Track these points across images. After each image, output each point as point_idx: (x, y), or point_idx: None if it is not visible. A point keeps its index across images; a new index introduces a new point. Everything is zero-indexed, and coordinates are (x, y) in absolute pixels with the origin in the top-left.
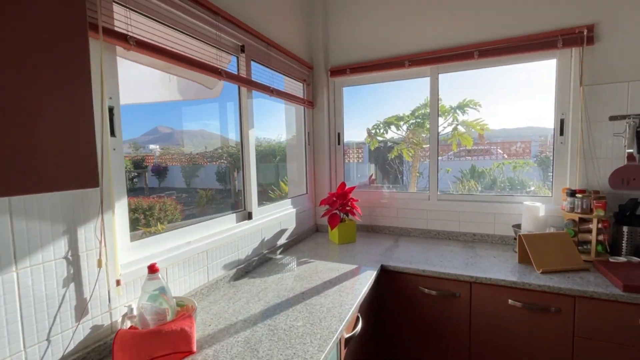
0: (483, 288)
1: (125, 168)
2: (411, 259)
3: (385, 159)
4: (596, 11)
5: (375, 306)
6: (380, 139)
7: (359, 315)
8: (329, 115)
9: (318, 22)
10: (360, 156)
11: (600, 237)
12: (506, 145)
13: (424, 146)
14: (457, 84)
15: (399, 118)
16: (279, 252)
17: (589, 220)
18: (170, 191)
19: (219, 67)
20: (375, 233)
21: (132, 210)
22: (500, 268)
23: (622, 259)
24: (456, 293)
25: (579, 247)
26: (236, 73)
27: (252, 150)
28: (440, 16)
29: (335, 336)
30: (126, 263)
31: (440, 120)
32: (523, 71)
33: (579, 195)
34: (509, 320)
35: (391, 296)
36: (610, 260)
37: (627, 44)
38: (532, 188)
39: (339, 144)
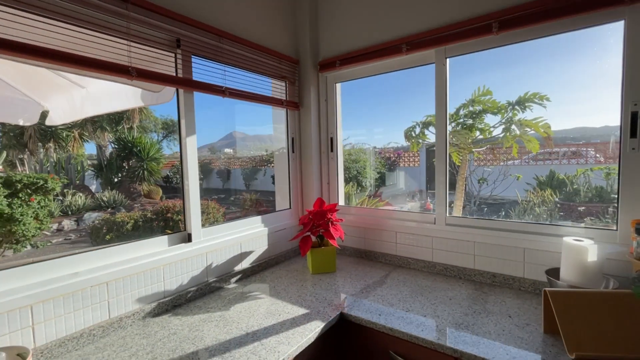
0: None
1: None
2: (389, 307)
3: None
4: None
5: None
6: (423, 141)
7: None
8: (319, 117)
9: (304, 8)
10: (416, 160)
11: None
12: (600, 147)
13: (473, 150)
14: (507, 73)
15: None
16: (234, 280)
17: None
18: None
19: (128, 65)
20: (368, 261)
21: (176, 213)
22: (510, 339)
23: None
24: None
25: None
26: (173, 74)
27: (193, 161)
28: None
29: None
30: None
31: (494, 119)
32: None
33: None
34: None
35: (353, 357)
36: None
37: None
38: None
39: (332, 150)
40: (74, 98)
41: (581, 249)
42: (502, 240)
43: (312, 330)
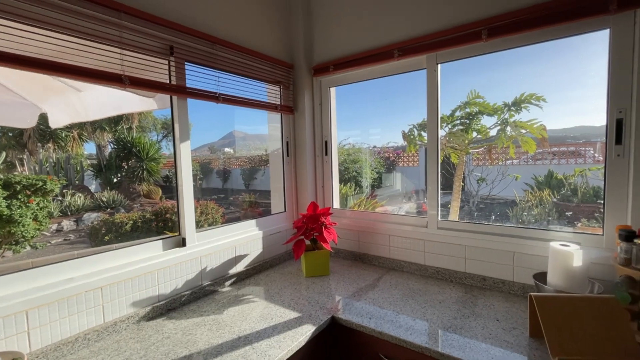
0: None
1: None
2: (380, 310)
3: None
4: None
5: None
6: (420, 142)
7: None
8: (313, 121)
9: (298, 13)
10: (415, 160)
11: None
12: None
13: (470, 151)
14: (503, 75)
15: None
16: (229, 283)
17: None
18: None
19: (121, 73)
20: (362, 263)
21: (175, 213)
22: (496, 342)
23: None
24: None
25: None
26: (167, 81)
27: (187, 166)
28: None
29: None
30: None
31: (490, 120)
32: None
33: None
34: None
35: (344, 359)
36: None
37: None
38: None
39: (326, 154)
40: (73, 101)
41: (567, 254)
42: (492, 244)
43: (303, 334)
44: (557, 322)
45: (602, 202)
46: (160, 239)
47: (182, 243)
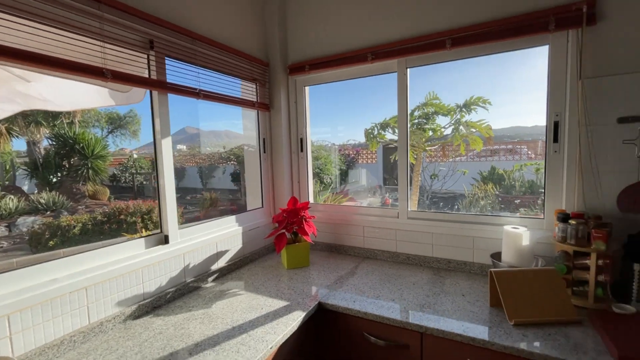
0: (436, 342)
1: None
2: (361, 294)
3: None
4: None
5: (310, 354)
6: (382, 140)
7: None
8: (289, 119)
9: (274, 13)
10: (374, 157)
11: (601, 278)
12: (531, 145)
13: (427, 148)
14: (456, 79)
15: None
16: (211, 279)
17: (586, 254)
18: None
19: (102, 67)
20: (339, 254)
21: (130, 214)
22: (464, 314)
23: (629, 308)
24: (406, 344)
25: (574, 288)
26: (146, 75)
27: (169, 162)
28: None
29: None
30: None
31: (444, 120)
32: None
33: (573, 222)
34: None
35: (332, 342)
36: (614, 309)
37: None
38: (538, 210)
39: (302, 150)
40: (21, 91)
41: (517, 235)
42: (455, 230)
43: (294, 320)
44: (511, 291)
45: (534, 193)
46: (143, 236)
47: (165, 240)
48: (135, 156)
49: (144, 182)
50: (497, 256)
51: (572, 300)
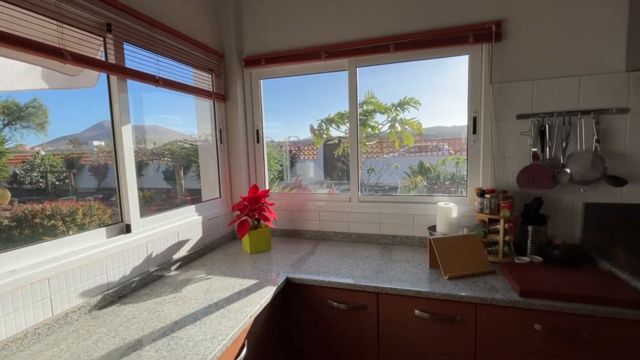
0: (390, 299)
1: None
2: (323, 268)
3: (332, 156)
4: (504, 7)
5: (278, 327)
6: (326, 136)
7: (246, 341)
8: (245, 110)
9: (229, 6)
10: (315, 153)
11: (507, 238)
12: (451, 142)
13: (367, 144)
14: (392, 80)
15: (341, 116)
16: (174, 267)
17: (497, 221)
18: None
19: (60, 47)
20: (297, 238)
21: (48, 217)
22: (410, 275)
23: (525, 259)
24: (365, 305)
25: (489, 248)
26: (103, 58)
27: (129, 151)
28: (358, 5)
29: None
30: None
31: (382, 117)
32: (457, 65)
33: (488, 196)
34: (416, 331)
35: (299, 312)
36: (515, 261)
37: (532, 41)
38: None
39: (258, 141)
40: None
41: (448, 209)
42: (398, 210)
43: (267, 293)
44: (445, 253)
45: (455, 183)
46: (104, 226)
47: (127, 229)
48: (42, 153)
49: (57, 183)
50: (433, 228)
51: (488, 257)
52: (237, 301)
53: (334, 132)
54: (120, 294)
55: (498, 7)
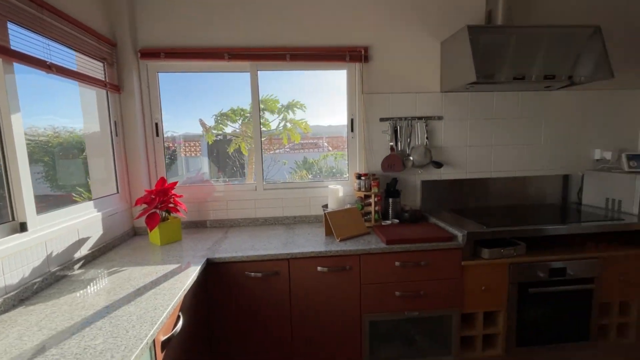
0: (298, 262)
1: None
2: (238, 247)
3: (225, 153)
4: (369, 37)
5: (205, 300)
6: (217, 132)
7: (180, 313)
8: (142, 103)
9: None
10: (198, 150)
11: (377, 208)
12: (330, 140)
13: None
14: (285, 83)
15: (234, 111)
16: (77, 266)
17: (370, 196)
18: None
19: None
20: (205, 228)
21: None
22: (312, 242)
23: (388, 222)
24: (278, 271)
25: (365, 217)
26: None
27: (20, 141)
28: (258, 14)
29: (145, 341)
30: None
31: (273, 116)
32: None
33: (363, 178)
34: (319, 283)
35: (220, 287)
36: (382, 224)
37: (386, 65)
38: (347, 175)
39: (157, 135)
40: None
41: (336, 190)
42: (297, 194)
43: (193, 272)
44: (336, 222)
45: (335, 175)
46: None
47: (21, 228)
48: None
49: None
50: (325, 206)
51: (365, 223)
52: (166, 282)
53: (228, 129)
54: (22, 296)
55: (366, 36)
